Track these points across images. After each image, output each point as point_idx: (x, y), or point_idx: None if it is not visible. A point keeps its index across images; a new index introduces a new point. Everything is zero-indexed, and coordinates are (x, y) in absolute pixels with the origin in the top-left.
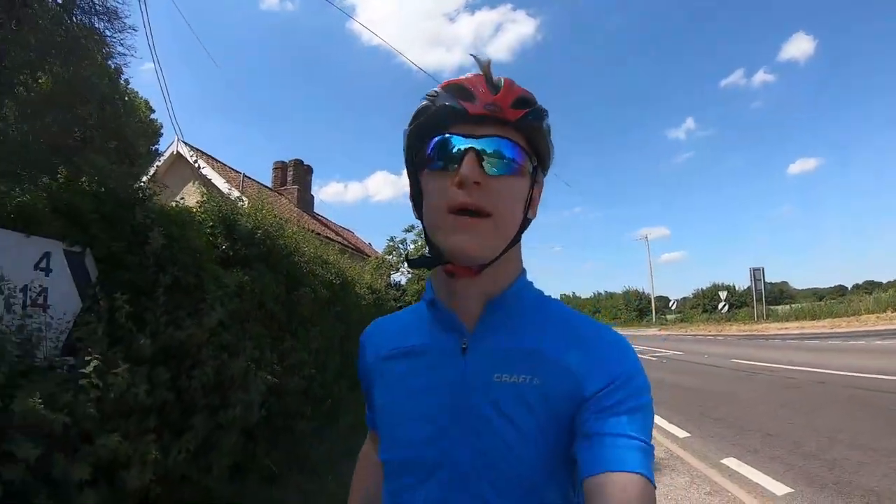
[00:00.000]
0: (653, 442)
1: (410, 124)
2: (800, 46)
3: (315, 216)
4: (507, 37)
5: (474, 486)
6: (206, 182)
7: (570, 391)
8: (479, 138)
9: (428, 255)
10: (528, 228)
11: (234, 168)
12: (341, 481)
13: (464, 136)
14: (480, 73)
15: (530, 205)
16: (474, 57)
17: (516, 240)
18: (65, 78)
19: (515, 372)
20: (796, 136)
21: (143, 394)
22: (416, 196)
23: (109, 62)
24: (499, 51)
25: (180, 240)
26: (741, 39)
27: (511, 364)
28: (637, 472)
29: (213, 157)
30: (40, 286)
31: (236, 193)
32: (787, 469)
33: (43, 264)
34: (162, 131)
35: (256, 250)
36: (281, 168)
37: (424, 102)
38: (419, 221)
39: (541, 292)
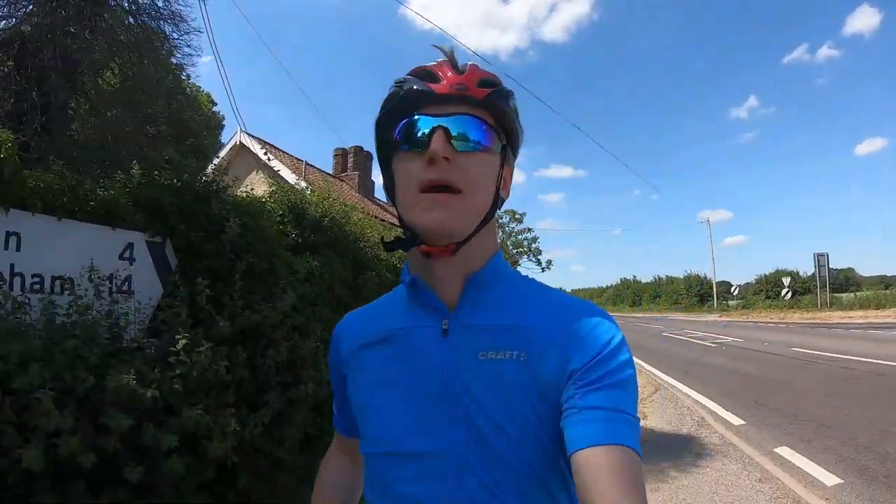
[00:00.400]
0: (707, 427)
1: (380, 112)
2: (865, 19)
3: (376, 201)
4: (562, 17)
5: (471, 472)
6: (273, 172)
7: (557, 365)
8: (448, 116)
9: (403, 237)
10: (502, 207)
11: (296, 156)
12: None
13: (432, 115)
14: (445, 54)
15: (502, 185)
16: (437, 47)
17: (489, 217)
18: (132, 76)
19: (500, 348)
20: (863, 114)
21: (222, 371)
22: (390, 185)
23: (172, 59)
24: (553, 31)
25: (254, 229)
26: (804, 13)
27: (495, 341)
28: (624, 445)
29: (274, 146)
30: (125, 274)
31: (302, 183)
32: (839, 460)
33: (127, 254)
34: (223, 123)
35: (324, 237)
36: (341, 155)
37: (392, 89)
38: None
39: (513, 269)
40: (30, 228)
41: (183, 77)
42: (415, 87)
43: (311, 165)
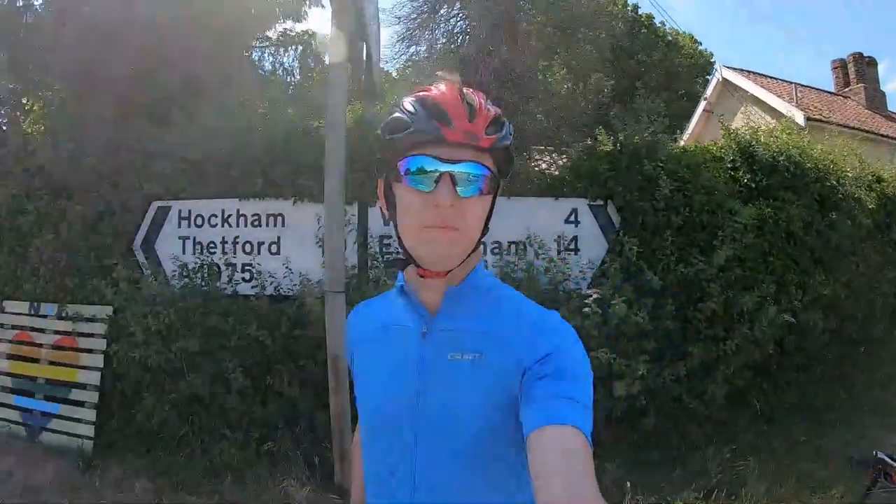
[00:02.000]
0: None
1: (387, 134)
2: None
3: (891, 116)
4: None
5: (430, 453)
6: (766, 106)
7: (513, 364)
8: (456, 163)
9: (400, 256)
10: (487, 233)
11: (786, 80)
12: (846, 437)
13: (441, 160)
14: (454, 85)
15: (491, 213)
16: (443, 77)
17: (477, 246)
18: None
19: (467, 350)
20: None
21: (642, 320)
22: (392, 210)
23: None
24: None
25: (692, 181)
26: None
27: (464, 344)
28: (571, 424)
29: (760, 74)
30: (571, 236)
31: (795, 112)
32: None
33: (571, 218)
34: (713, 60)
35: (779, 178)
36: (840, 67)
37: (402, 117)
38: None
39: (497, 281)
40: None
41: (657, 25)
42: (426, 129)
43: (806, 87)
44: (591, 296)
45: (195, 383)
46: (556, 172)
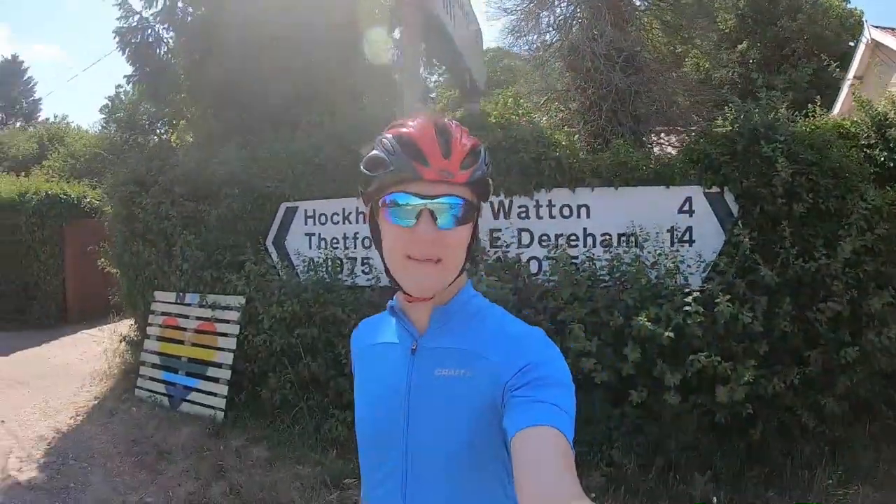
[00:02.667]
0: None
1: (368, 171)
2: None
3: None
4: None
5: (416, 464)
6: None
7: (492, 379)
8: (434, 198)
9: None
10: (470, 257)
11: None
12: None
13: (419, 196)
14: (429, 122)
15: (473, 238)
16: (421, 113)
17: (461, 272)
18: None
19: (452, 367)
20: None
21: (752, 321)
22: (376, 236)
23: None
24: None
25: (818, 163)
26: None
27: (449, 361)
28: (550, 425)
29: None
30: (685, 227)
31: None
32: None
33: (686, 208)
34: (863, 19)
35: None
36: None
37: (381, 156)
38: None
39: (485, 301)
40: (594, 199)
41: None
42: (403, 168)
43: None
44: (692, 293)
45: (313, 366)
46: (668, 158)
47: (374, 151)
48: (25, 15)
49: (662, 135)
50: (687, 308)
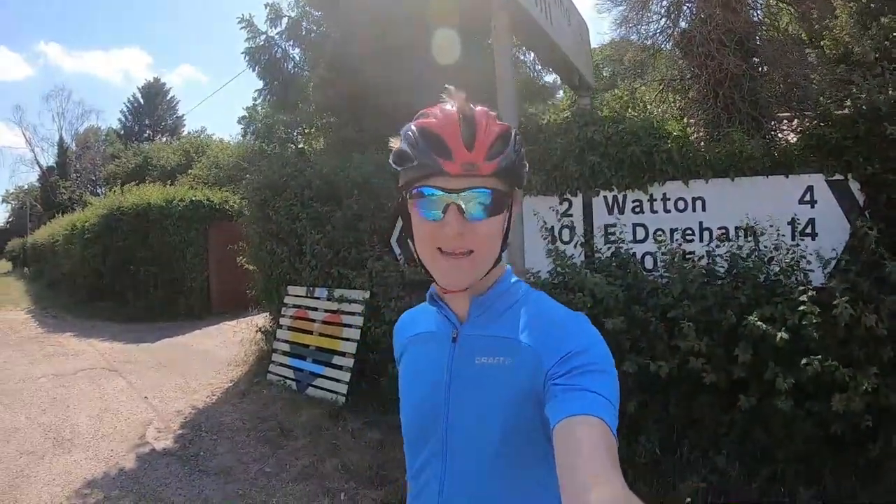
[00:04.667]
0: None
1: (395, 165)
2: None
3: None
4: None
5: (455, 451)
6: None
7: (533, 366)
8: (460, 192)
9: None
10: (507, 245)
11: None
12: None
13: (445, 189)
14: (453, 111)
15: (508, 228)
16: (449, 97)
17: (498, 260)
18: None
19: (493, 355)
20: None
21: (877, 324)
22: (408, 226)
23: None
24: None
25: None
26: None
27: (490, 349)
28: (594, 415)
29: None
30: (807, 218)
31: None
32: None
33: (807, 198)
34: None
35: None
36: None
37: (406, 150)
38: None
39: (526, 287)
40: (709, 191)
41: None
42: (427, 162)
43: None
44: (808, 291)
45: None
46: (785, 145)
47: (401, 145)
48: (163, 42)
49: (786, 120)
50: (802, 308)
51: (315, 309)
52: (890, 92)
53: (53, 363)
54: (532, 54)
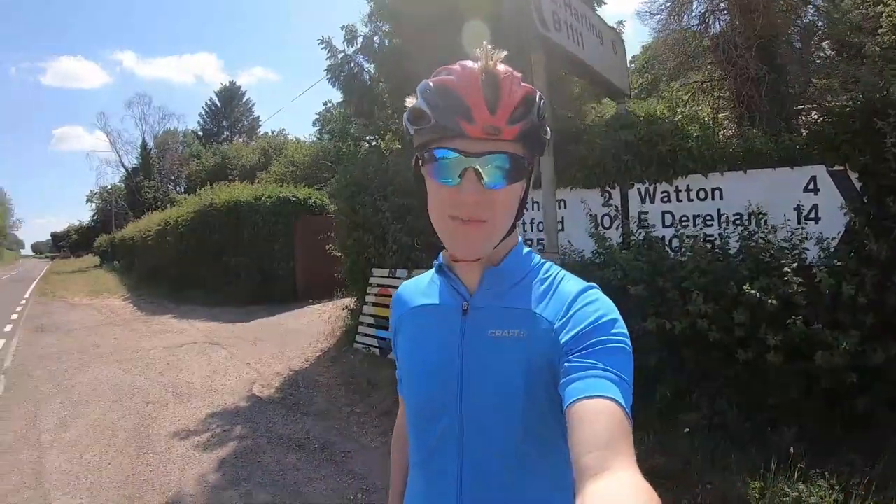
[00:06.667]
0: None
1: (410, 125)
2: None
3: None
4: None
5: (472, 428)
6: None
7: (549, 340)
8: (480, 156)
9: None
10: (524, 214)
11: None
12: None
13: (464, 153)
14: (475, 70)
15: (525, 195)
16: (476, 54)
17: (512, 230)
18: None
19: (507, 328)
20: None
21: (857, 293)
22: (421, 188)
23: None
24: None
25: None
26: None
27: (503, 321)
28: (607, 398)
29: None
30: (811, 204)
31: None
32: None
33: (811, 186)
34: None
35: None
36: None
37: (423, 110)
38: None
39: (539, 258)
40: (726, 183)
41: None
42: (448, 126)
43: None
44: (793, 265)
45: None
46: (789, 139)
47: (417, 102)
48: (233, 46)
49: (802, 116)
50: (785, 278)
51: (395, 287)
52: (889, 89)
53: (160, 338)
54: None
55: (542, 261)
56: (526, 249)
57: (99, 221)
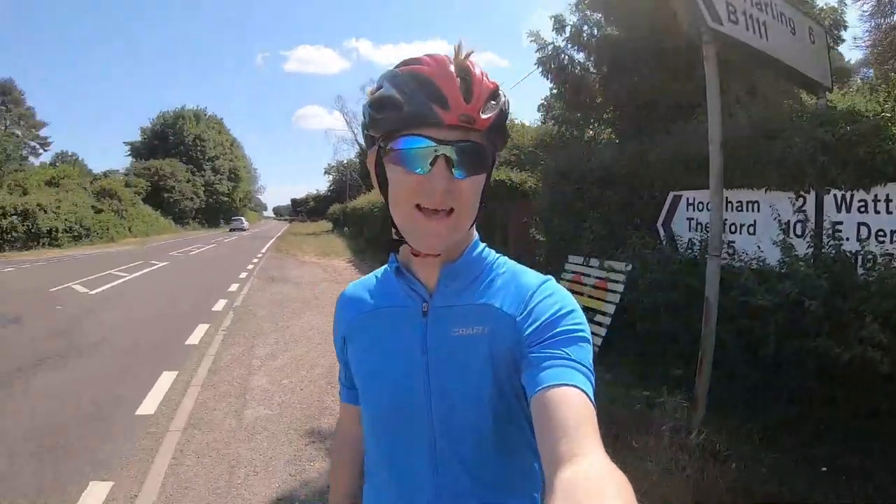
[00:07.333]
0: None
1: (376, 112)
2: None
3: None
4: None
5: (444, 431)
6: None
7: (511, 334)
8: (451, 144)
9: (395, 237)
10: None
11: None
12: None
13: (436, 141)
14: (446, 58)
15: (486, 189)
16: (455, 49)
17: (473, 224)
18: None
19: (470, 325)
20: None
21: None
22: (383, 181)
23: None
24: None
25: None
26: None
27: (466, 319)
28: (572, 385)
29: None
30: None
31: None
32: None
33: None
34: None
35: None
36: None
37: (394, 95)
38: None
39: (494, 253)
40: None
41: None
42: (422, 112)
43: None
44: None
45: (665, 322)
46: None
47: (385, 90)
48: (462, 32)
49: None
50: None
51: (588, 275)
52: None
53: None
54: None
55: (497, 256)
56: (481, 246)
57: (334, 191)
